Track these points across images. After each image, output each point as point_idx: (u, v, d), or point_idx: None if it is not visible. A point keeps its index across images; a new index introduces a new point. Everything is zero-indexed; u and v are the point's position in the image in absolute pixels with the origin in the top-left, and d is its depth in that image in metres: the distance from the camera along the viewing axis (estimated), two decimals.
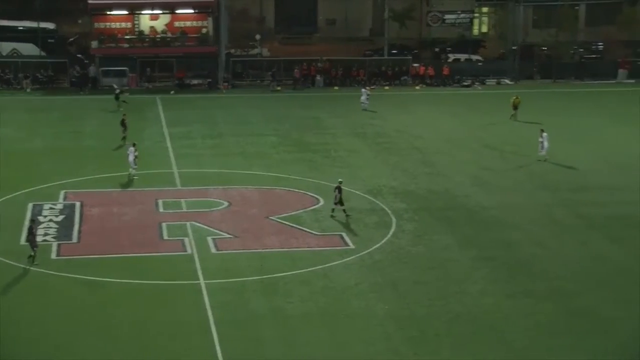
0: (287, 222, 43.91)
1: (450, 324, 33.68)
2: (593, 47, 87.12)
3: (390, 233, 42.84)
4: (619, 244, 41.66)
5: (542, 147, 54.31)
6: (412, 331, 33.08)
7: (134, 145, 51.19)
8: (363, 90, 69.87)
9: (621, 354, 31.50)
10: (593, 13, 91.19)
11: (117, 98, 68.11)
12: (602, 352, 31.66)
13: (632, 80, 79.94)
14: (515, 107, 64.03)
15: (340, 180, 45.43)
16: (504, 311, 34.76)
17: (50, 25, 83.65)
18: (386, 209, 46.14)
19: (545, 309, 34.85)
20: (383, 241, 41.74)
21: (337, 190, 44.48)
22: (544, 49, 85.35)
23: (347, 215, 44.28)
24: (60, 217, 44.04)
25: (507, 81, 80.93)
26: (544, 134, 54.43)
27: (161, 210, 45.62)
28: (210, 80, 78.95)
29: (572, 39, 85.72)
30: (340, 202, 44.48)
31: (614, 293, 36.32)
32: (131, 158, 50.20)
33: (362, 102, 68.34)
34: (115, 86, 71.47)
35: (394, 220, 44.55)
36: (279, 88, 77.70)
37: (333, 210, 44.59)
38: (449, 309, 34.81)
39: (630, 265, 39.24)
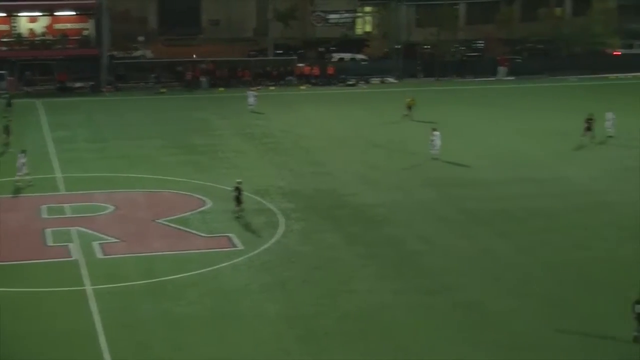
0: (174, 225, 43.70)
1: (340, 322, 34.02)
2: (473, 45, 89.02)
3: (279, 233, 43.03)
4: (504, 238, 42.70)
5: (434, 146, 54.98)
6: (301, 330, 33.32)
7: (23, 151, 50.12)
8: (249, 92, 69.90)
9: (508, 347, 32.32)
10: (472, 12, 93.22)
11: (9, 104, 66.68)
12: (489, 344, 32.42)
13: (512, 77, 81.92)
14: (410, 108, 64.88)
15: (239, 180, 45.43)
16: (393, 308, 35.28)
17: None
18: (274, 209, 46.33)
19: (432, 304, 35.49)
20: (271, 241, 41.90)
21: (236, 191, 44.50)
22: (427, 48, 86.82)
23: (237, 217, 44.30)
24: None
25: (391, 80, 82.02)
26: (436, 133, 55.23)
27: (45, 216, 44.86)
28: (92, 83, 77.88)
29: (453, 38, 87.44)
30: (238, 202, 44.48)
31: (499, 286, 37.22)
32: (20, 163, 49.12)
33: (250, 104, 68.39)
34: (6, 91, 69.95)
35: (282, 220, 44.76)
36: (163, 90, 77.16)
37: (236, 211, 44.55)
38: (338, 307, 35.16)
39: (513, 258, 40.28)
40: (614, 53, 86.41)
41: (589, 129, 58.01)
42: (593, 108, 63.06)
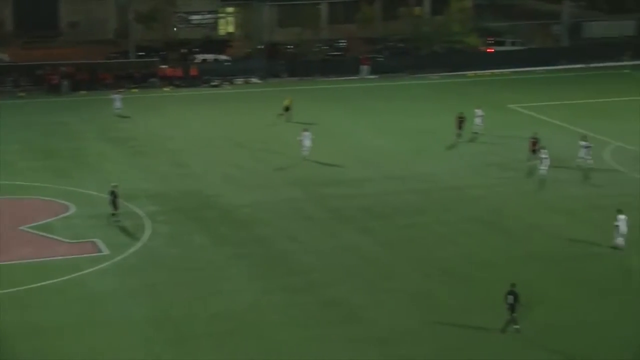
0: (37, 232, 43.02)
1: (210, 323, 34.24)
2: (336, 44, 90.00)
3: (145, 237, 42.87)
4: (367, 234, 43.58)
5: (303, 146, 55.26)
6: (171, 333, 33.37)
7: None
8: (115, 95, 68.98)
9: (377, 340, 33.07)
10: (334, 12, 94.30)
11: None
12: (358, 340, 33.13)
13: (374, 76, 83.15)
14: (287, 109, 65.00)
15: (114, 184, 44.97)
16: (262, 307, 35.67)
17: None
18: (140, 212, 46.09)
19: (300, 302, 36.04)
20: (138, 245, 41.72)
21: (112, 195, 44.05)
22: (290, 48, 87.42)
23: (114, 221, 43.84)
24: None
25: (255, 80, 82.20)
26: (305, 133, 55.54)
27: None
28: None
29: (315, 38, 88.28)
30: (114, 205, 43.99)
31: (363, 282, 38.04)
32: None
33: (117, 107, 67.58)
34: None
35: (148, 223, 44.58)
36: (22, 94, 75.52)
37: (113, 216, 44.09)
38: (208, 309, 35.37)
39: (378, 254, 41.16)
40: (488, 50, 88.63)
41: (460, 127, 59.35)
42: (456, 105, 64.75)
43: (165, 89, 78.66)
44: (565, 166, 53.36)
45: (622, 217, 40.92)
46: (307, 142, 55.26)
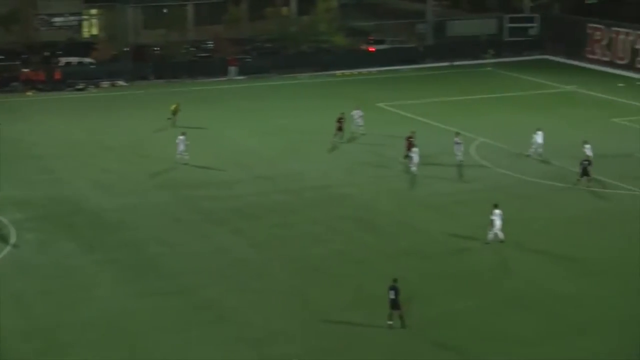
0: None
1: (82, 331, 33.71)
2: (203, 46, 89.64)
3: (10, 245, 41.88)
4: (239, 236, 43.56)
5: (179, 150, 54.59)
6: (40, 344, 32.72)
7: None
8: None
9: (250, 341, 33.11)
10: (201, 13, 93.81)
11: None
12: (230, 341, 33.11)
13: (243, 77, 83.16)
14: (175, 113, 64.16)
15: None
16: (133, 312, 35.29)
17: None
18: (4, 220, 44.99)
19: (172, 306, 35.81)
20: (2, 254, 40.73)
21: None
22: (156, 49, 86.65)
23: None
24: None
25: (122, 82, 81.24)
26: (181, 137, 54.89)
27: None
28: None
29: (182, 39, 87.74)
30: None
31: (236, 283, 38.03)
32: None
33: None
34: None
35: (13, 231, 43.55)
36: None
37: None
38: (79, 316, 34.81)
39: (250, 255, 41.19)
40: (369, 49, 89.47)
41: (340, 128, 59.53)
42: (328, 104, 65.22)
43: (28, 93, 76.99)
44: (434, 163, 54.37)
45: (497, 211, 41.93)
46: (182, 146, 54.70)
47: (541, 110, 68.35)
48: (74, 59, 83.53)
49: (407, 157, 53.83)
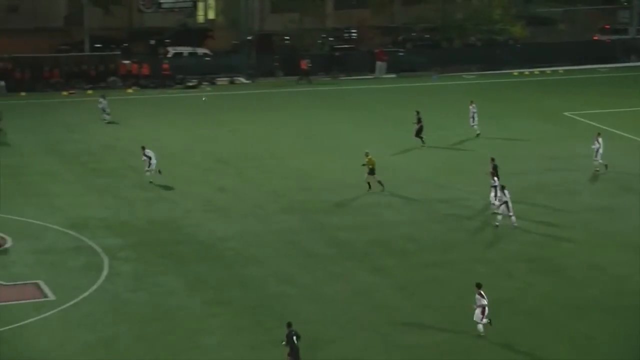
0: None
1: None
2: (345, 35, 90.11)
3: (102, 277, 42.87)
4: (382, 276, 43.35)
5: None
6: None
7: None
8: (100, 99, 68.99)
9: None
10: None
11: None
12: None
13: (393, 75, 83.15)
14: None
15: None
16: None
17: None
18: (95, 246, 46.11)
19: None
20: (93, 288, 41.70)
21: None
22: (286, 39, 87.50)
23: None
24: None
25: (242, 80, 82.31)
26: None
27: None
28: None
29: (318, 26, 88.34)
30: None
31: (375, 336, 37.77)
32: None
33: (108, 114, 67.76)
34: None
35: (105, 260, 44.60)
36: None
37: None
38: None
39: (395, 301, 41.01)
40: (606, 41, 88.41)
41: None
42: (506, 113, 64.68)
43: (128, 90, 78.98)
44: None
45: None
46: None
47: None
48: (185, 49, 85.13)
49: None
